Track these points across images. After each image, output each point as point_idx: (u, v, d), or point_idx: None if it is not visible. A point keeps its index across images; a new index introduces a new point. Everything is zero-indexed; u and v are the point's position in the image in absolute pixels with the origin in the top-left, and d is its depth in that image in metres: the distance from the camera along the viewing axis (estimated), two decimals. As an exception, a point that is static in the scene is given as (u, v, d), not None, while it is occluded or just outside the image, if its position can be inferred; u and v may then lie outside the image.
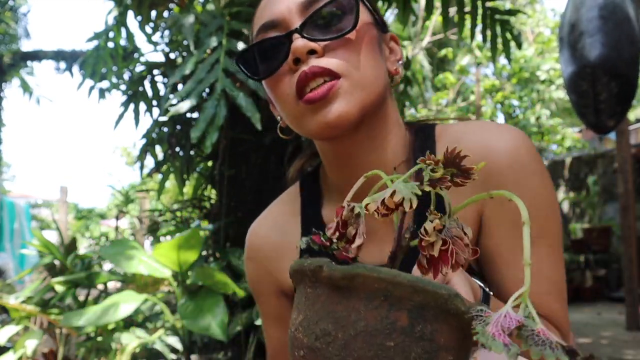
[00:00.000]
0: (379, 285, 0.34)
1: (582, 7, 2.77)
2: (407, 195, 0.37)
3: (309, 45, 0.66)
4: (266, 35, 0.70)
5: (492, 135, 0.70)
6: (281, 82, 0.69)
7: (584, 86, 2.73)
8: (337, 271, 0.36)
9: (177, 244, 2.25)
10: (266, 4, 0.72)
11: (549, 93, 9.91)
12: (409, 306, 0.34)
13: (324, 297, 0.37)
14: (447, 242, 0.39)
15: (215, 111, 1.95)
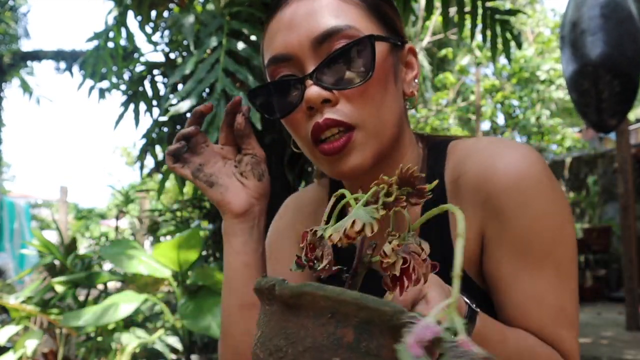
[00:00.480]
0: (325, 303, 0.35)
1: (584, 5, 2.76)
2: (367, 221, 0.39)
3: (322, 95, 0.63)
4: (278, 69, 0.68)
5: (498, 154, 0.68)
6: (297, 124, 0.68)
7: (585, 85, 2.72)
8: (287, 289, 0.37)
9: (177, 244, 2.25)
10: (277, 31, 0.68)
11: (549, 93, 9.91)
12: (355, 322, 0.35)
13: (277, 315, 0.38)
14: (407, 260, 0.40)
15: (216, 111, 1.95)
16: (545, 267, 0.65)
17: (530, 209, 0.65)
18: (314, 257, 0.42)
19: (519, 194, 0.65)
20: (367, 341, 0.34)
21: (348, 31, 0.64)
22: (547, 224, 0.65)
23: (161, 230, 3.22)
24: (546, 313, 0.65)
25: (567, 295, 0.66)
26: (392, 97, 0.68)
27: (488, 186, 0.67)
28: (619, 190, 4.68)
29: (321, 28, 0.64)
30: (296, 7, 0.67)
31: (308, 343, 0.35)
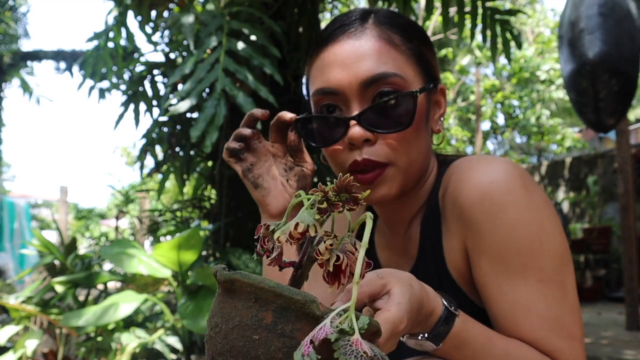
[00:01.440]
0: (250, 289, 0.42)
1: (582, 4, 2.76)
2: (311, 222, 0.44)
3: (365, 136, 0.71)
4: (324, 100, 0.75)
5: (471, 169, 0.72)
6: (335, 154, 0.75)
7: (583, 84, 2.72)
8: (222, 276, 0.44)
9: (177, 244, 2.25)
10: (328, 65, 0.74)
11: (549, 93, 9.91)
12: (274, 307, 0.41)
13: (220, 297, 0.45)
14: (340, 257, 0.45)
15: (215, 111, 1.95)
16: (527, 276, 0.66)
17: (501, 219, 0.67)
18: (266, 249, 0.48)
19: (489, 205, 0.68)
20: (283, 324, 0.40)
21: (394, 79, 0.71)
22: (521, 233, 0.67)
23: (161, 230, 3.22)
24: (538, 323, 0.65)
25: (560, 305, 0.66)
26: (423, 138, 0.75)
27: (460, 200, 0.71)
28: (619, 190, 4.67)
29: (370, 72, 0.71)
30: (349, 45, 0.74)
31: (236, 322, 0.42)
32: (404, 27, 0.76)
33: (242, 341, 0.41)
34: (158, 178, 4.07)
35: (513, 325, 0.66)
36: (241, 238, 2.73)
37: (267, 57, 2.12)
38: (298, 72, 2.76)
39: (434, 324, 0.58)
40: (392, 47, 0.73)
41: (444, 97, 0.80)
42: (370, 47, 0.72)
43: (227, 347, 0.41)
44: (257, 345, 0.40)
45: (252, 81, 2.00)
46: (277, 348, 0.40)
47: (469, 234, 0.70)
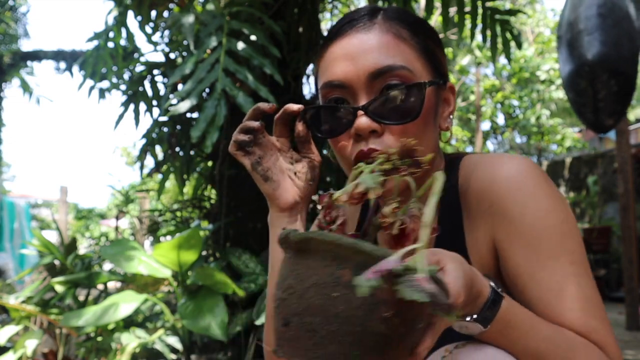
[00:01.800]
0: (327, 247, 0.41)
1: (581, 5, 2.76)
2: (371, 185, 0.45)
3: (371, 127, 0.71)
4: (332, 93, 0.75)
5: (496, 166, 0.74)
6: (342, 145, 0.75)
7: (582, 84, 2.72)
8: (296, 237, 0.44)
9: (177, 244, 2.25)
10: (336, 58, 0.75)
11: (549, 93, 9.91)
12: (352, 265, 0.40)
13: (291, 259, 0.45)
14: (404, 221, 0.46)
15: (216, 111, 1.95)
16: (559, 259, 0.68)
17: (533, 207, 0.70)
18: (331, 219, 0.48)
19: (520, 195, 0.71)
20: None
21: (402, 71, 0.72)
22: (551, 219, 0.70)
23: (161, 230, 3.22)
24: (572, 305, 0.67)
25: (589, 286, 0.69)
26: (430, 132, 0.75)
27: (491, 193, 0.73)
28: (619, 190, 4.68)
29: (378, 65, 0.72)
30: (357, 39, 0.74)
31: (313, 280, 0.41)
32: (413, 22, 0.77)
33: (320, 299, 0.40)
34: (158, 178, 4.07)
35: (549, 309, 0.67)
36: (241, 238, 2.73)
37: (267, 57, 2.12)
38: (298, 72, 2.76)
39: (482, 304, 0.58)
40: (400, 40, 0.74)
41: (453, 96, 0.81)
42: (378, 41, 0.73)
43: (304, 306, 0.41)
44: (337, 303, 0.40)
45: (252, 81, 2.00)
46: (358, 305, 0.40)
47: (500, 225, 0.72)
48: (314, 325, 0.41)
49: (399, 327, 0.41)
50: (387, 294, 0.39)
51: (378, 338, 0.40)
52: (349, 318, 0.40)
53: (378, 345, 0.40)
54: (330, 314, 0.40)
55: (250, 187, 2.78)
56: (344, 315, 0.40)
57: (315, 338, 0.41)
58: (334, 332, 0.40)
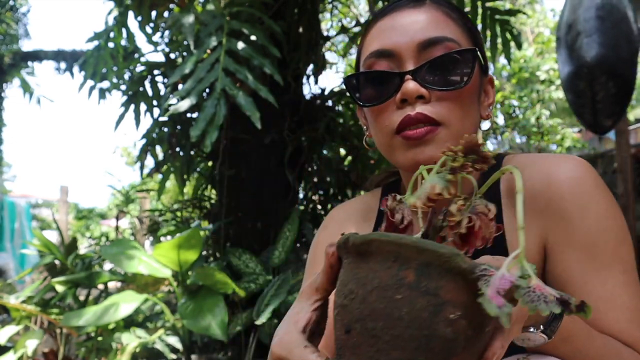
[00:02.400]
0: (389, 248, 0.40)
1: (580, 7, 2.77)
2: (444, 185, 0.44)
3: (419, 91, 0.68)
4: (377, 63, 0.72)
5: (553, 165, 0.71)
6: (384, 114, 0.72)
7: (581, 86, 2.72)
8: (357, 239, 0.42)
9: (177, 244, 2.25)
10: (385, 29, 0.73)
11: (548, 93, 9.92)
12: (415, 265, 0.39)
13: (352, 264, 0.43)
14: (471, 219, 0.44)
15: (215, 110, 1.95)
16: (613, 267, 0.66)
17: (593, 211, 0.67)
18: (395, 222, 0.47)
19: (580, 197, 0.68)
20: (426, 281, 0.38)
21: (451, 44, 0.70)
22: (609, 224, 0.67)
23: (161, 230, 3.22)
24: (621, 314, 0.65)
25: (638, 295, 0.66)
26: (474, 112, 0.73)
27: (549, 192, 0.69)
28: (618, 190, 4.68)
29: (428, 34, 0.70)
30: (408, 14, 0.73)
31: (375, 284, 0.40)
32: (461, 11, 0.77)
33: (383, 303, 0.39)
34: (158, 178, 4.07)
35: (598, 318, 0.65)
36: (241, 238, 2.73)
37: (267, 57, 2.12)
38: (298, 72, 2.77)
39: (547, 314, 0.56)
40: (450, 19, 0.73)
41: (493, 88, 0.80)
42: (429, 15, 0.72)
43: (367, 311, 0.39)
44: (401, 305, 0.38)
45: (252, 81, 2.00)
46: (422, 307, 0.38)
47: (555, 227, 0.69)
48: (376, 330, 0.39)
49: (466, 330, 0.38)
50: (453, 294, 0.38)
51: (443, 342, 0.38)
52: (413, 321, 0.38)
53: (443, 351, 0.38)
54: (393, 317, 0.38)
55: (250, 187, 2.79)
56: (408, 319, 0.38)
57: (379, 344, 0.39)
58: (397, 336, 0.38)
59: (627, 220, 4.58)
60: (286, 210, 2.75)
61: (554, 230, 0.69)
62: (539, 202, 0.70)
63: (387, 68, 0.71)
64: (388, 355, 0.38)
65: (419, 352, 0.38)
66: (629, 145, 4.79)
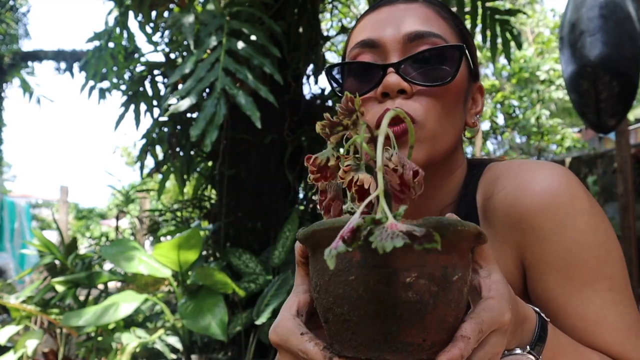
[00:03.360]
0: (328, 234, 0.40)
1: (583, 6, 2.77)
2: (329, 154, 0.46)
3: (401, 85, 0.65)
4: (362, 53, 0.70)
5: (528, 175, 0.66)
6: (367, 106, 0.69)
7: (584, 85, 2.72)
8: (301, 235, 0.44)
9: (177, 244, 2.25)
10: (373, 22, 0.71)
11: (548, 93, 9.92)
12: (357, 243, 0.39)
13: (311, 257, 0.45)
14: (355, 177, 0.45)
15: (215, 110, 1.95)
16: (596, 285, 0.62)
17: (570, 228, 0.62)
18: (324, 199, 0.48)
19: (555, 213, 0.63)
20: (372, 256, 0.38)
21: (438, 40, 0.67)
22: (590, 241, 0.63)
23: (161, 230, 3.22)
24: (611, 335, 0.61)
25: (630, 313, 0.63)
26: (458, 115, 0.70)
27: (520, 207, 0.65)
28: (618, 190, 4.68)
29: (415, 28, 0.68)
30: (398, 8, 0.71)
31: (330, 272, 0.40)
32: (453, 12, 0.76)
33: (341, 287, 0.39)
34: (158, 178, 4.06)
35: (587, 340, 0.61)
36: (241, 238, 2.73)
37: (267, 57, 2.12)
38: (298, 72, 2.76)
39: (531, 332, 0.52)
40: (441, 17, 0.71)
41: (482, 97, 0.77)
42: (419, 11, 0.70)
43: (332, 299, 0.40)
44: (357, 285, 0.39)
45: (252, 81, 2.00)
46: (376, 280, 0.38)
47: (530, 244, 0.64)
48: (345, 315, 0.40)
49: (429, 288, 0.38)
50: (400, 259, 0.38)
51: (410, 306, 0.38)
52: (373, 297, 0.38)
53: (413, 314, 0.38)
54: (354, 298, 0.39)
55: (250, 187, 2.79)
56: (367, 296, 0.38)
57: (352, 327, 0.39)
58: (364, 315, 0.39)
59: (627, 220, 4.59)
60: (286, 210, 2.75)
61: (529, 247, 0.65)
62: (512, 216, 0.66)
63: (372, 59, 0.69)
64: (363, 335, 0.39)
65: (389, 323, 0.38)
66: (629, 145, 4.79)
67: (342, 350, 0.41)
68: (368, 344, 0.39)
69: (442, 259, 0.39)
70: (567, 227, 0.63)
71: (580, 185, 0.65)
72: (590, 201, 0.65)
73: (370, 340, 0.39)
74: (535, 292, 0.65)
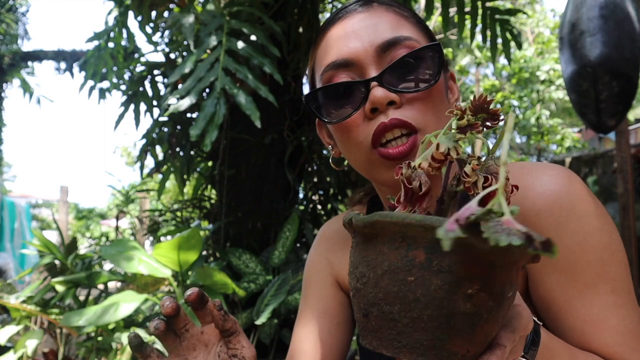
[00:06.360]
0: (395, 228, 0.38)
1: (583, 6, 2.77)
2: (451, 145, 0.42)
3: (389, 97, 0.63)
4: (337, 75, 0.67)
5: (530, 177, 0.65)
6: (355, 129, 0.66)
7: (584, 85, 2.72)
8: (360, 221, 0.41)
9: (177, 244, 2.25)
10: (338, 38, 0.68)
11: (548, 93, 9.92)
12: (424, 244, 0.37)
13: (360, 245, 0.42)
14: (488, 178, 0.42)
15: (215, 109, 1.95)
16: (599, 288, 0.62)
17: (573, 229, 0.62)
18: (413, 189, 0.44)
19: (558, 215, 0.62)
20: (438, 259, 0.37)
21: (410, 42, 0.66)
22: (593, 243, 0.62)
23: (161, 230, 3.22)
24: (612, 337, 0.61)
25: (632, 316, 0.62)
26: (445, 110, 0.68)
27: (523, 209, 0.64)
28: (618, 190, 4.68)
29: (385, 37, 0.65)
30: (358, 19, 0.68)
31: (385, 267, 0.38)
32: (410, 9, 0.73)
33: (396, 286, 0.38)
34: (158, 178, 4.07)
35: (586, 341, 0.61)
36: (241, 238, 2.73)
37: (267, 57, 2.12)
38: (298, 72, 2.76)
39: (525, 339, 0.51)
40: (403, 18, 0.69)
41: (455, 83, 0.76)
42: (381, 17, 0.68)
43: (381, 295, 0.38)
44: (415, 287, 0.37)
45: (251, 80, 2.00)
46: (438, 286, 0.36)
47: None
48: (394, 314, 0.38)
49: (486, 302, 0.37)
50: (467, 268, 0.36)
51: (465, 318, 0.37)
52: (430, 302, 0.37)
53: (466, 325, 0.37)
54: (409, 300, 0.37)
55: (250, 187, 2.79)
56: (425, 300, 0.37)
57: (398, 327, 0.38)
58: (416, 318, 0.37)
59: (627, 220, 4.59)
60: (286, 210, 2.75)
61: None
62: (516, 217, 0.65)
63: (349, 78, 0.66)
64: (410, 337, 0.38)
65: (441, 331, 0.37)
66: (629, 145, 4.79)
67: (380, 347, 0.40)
68: (413, 347, 0.38)
69: (504, 275, 0.38)
70: (570, 229, 0.62)
71: (583, 187, 0.64)
72: (594, 203, 0.64)
73: (417, 344, 0.38)
74: (537, 292, 0.65)
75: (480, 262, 0.36)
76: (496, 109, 0.42)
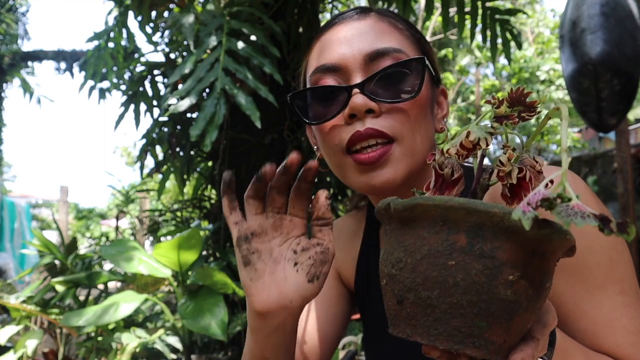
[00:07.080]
0: (436, 212, 0.37)
1: (584, 4, 2.75)
2: (482, 135, 0.42)
3: (368, 105, 0.65)
4: (323, 78, 0.69)
5: None
6: (333, 131, 0.68)
7: (585, 84, 2.71)
8: (400, 204, 0.40)
9: (177, 244, 2.25)
10: (330, 43, 0.70)
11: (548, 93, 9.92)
12: (466, 227, 0.37)
13: (396, 231, 0.41)
14: (523, 169, 0.41)
15: (215, 110, 1.95)
16: (608, 288, 0.62)
17: (580, 231, 0.60)
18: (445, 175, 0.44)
19: None
20: (480, 244, 0.36)
21: (399, 54, 0.67)
22: (601, 244, 0.62)
23: (161, 230, 3.22)
24: (622, 338, 0.61)
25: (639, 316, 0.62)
26: (428, 124, 0.69)
27: None
28: (618, 190, 4.67)
29: (375, 46, 0.67)
30: (352, 26, 0.70)
31: (424, 251, 0.38)
32: (407, 21, 0.75)
33: (436, 270, 0.37)
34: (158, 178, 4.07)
35: (597, 343, 0.61)
36: (241, 238, 2.73)
37: (266, 57, 2.12)
38: (298, 72, 2.77)
39: None
40: (396, 29, 0.71)
41: (446, 99, 0.77)
42: (374, 26, 0.69)
43: (419, 280, 0.37)
44: (455, 272, 0.36)
45: (251, 80, 2.00)
46: (479, 271, 0.36)
47: None
48: (432, 299, 0.37)
49: (526, 290, 0.37)
50: (510, 254, 0.36)
51: (505, 305, 0.36)
52: (471, 287, 0.36)
53: (505, 313, 0.36)
54: (449, 284, 0.36)
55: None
56: (465, 285, 0.36)
57: (436, 313, 0.37)
58: (455, 304, 0.36)
59: (628, 220, 4.60)
60: (286, 210, 2.74)
61: None
62: None
63: (335, 83, 0.68)
64: (447, 324, 0.37)
65: (480, 317, 0.36)
66: (629, 145, 4.79)
67: (414, 334, 0.39)
68: (450, 335, 0.37)
69: (544, 264, 0.38)
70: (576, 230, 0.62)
71: (586, 188, 0.65)
72: (598, 204, 0.64)
73: (455, 331, 0.37)
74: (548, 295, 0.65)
75: (523, 249, 0.36)
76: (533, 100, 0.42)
